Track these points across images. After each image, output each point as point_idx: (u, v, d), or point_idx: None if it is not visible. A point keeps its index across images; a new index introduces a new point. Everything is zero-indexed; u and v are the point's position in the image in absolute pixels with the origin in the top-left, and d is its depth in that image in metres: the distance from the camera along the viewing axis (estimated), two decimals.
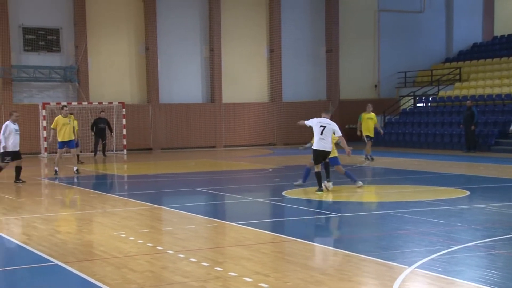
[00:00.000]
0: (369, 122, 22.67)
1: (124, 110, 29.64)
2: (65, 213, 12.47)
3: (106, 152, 27.48)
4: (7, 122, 16.93)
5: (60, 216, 11.99)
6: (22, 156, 17.37)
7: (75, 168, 19.37)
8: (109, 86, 30.51)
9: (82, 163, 22.80)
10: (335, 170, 15.08)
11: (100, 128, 26.44)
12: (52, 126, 19.31)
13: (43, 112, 27.98)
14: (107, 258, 8.29)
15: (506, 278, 7.08)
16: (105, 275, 7.40)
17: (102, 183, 18.59)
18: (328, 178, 14.42)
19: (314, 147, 14.19)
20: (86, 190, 16.04)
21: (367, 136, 22.57)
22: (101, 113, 27.34)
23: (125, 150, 29.33)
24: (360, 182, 14.94)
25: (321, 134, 14.02)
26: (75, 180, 18.05)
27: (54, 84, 29.76)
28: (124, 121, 29.59)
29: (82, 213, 12.45)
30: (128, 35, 31.01)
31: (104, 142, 27.14)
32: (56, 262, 8.13)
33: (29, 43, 29.13)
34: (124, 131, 29.57)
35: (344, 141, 14.22)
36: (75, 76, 29.66)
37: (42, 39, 29.44)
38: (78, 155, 23.56)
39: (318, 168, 14.10)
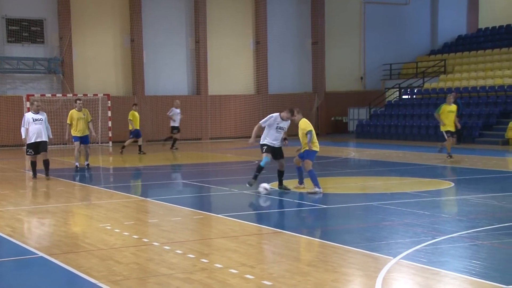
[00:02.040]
0: (450, 116, 19.51)
1: (109, 102, 29.51)
2: (49, 205, 12.41)
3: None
4: (26, 113, 16.54)
5: (44, 208, 11.93)
6: (10, 147, 16.97)
7: (87, 162, 18.98)
8: (94, 78, 30.37)
9: (144, 153, 23.44)
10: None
11: (91, 120, 26.14)
12: (67, 121, 18.65)
13: (27, 104, 27.70)
14: (92, 250, 8.27)
15: (490, 268, 7.14)
16: (90, 267, 7.38)
17: (87, 175, 18.51)
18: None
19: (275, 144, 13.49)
20: (71, 182, 15.98)
21: (447, 132, 19.53)
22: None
23: (110, 142, 29.24)
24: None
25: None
26: (65, 173, 17.85)
27: (38, 75, 29.57)
28: (109, 113, 29.48)
29: (67, 205, 12.40)
30: (113, 26, 30.83)
31: None
32: (41, 254, 8.10)
33: (13, 34, 28.91)
34: (110, 123, 29.47)
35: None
36: (60, 68, 29.49)
37: (25, 30, 29.22)
38: (140, 146, 23.92)
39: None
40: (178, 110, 25.90)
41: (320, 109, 34.67)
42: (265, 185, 13.13)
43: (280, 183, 13.41)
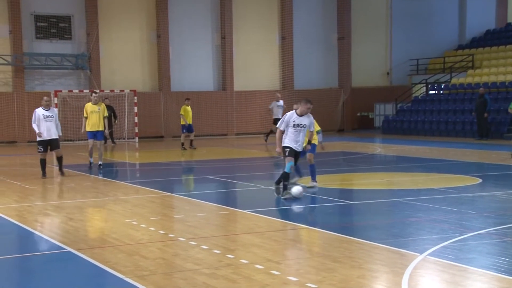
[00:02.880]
0: None
1: (135, 98, 29.71)
2: (77, 200, 12.54)
3: (115, 140, 27.59)
4: (37, 109, 15.93)
5: (72, 204, 12.06)
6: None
7: (99, 163, 17.67)
8: (121, 74, 30.58)
9: (195, 148, 23.71)
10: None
11: (107, 115, 25.98)
12: (84, 115, 17.60)
13: (55, 100, 28.09)
14: (119, 245, 8.34)
15: None
16: (117, 262, 7.45)
17: (114, 171, 18.66)
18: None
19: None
20: (97, 178, 16.12)
21: None
22: (105, 100, 27.27)
23: (136, 138, 29.46)
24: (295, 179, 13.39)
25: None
26: (87, 168, 17.92)
27: (65, 71, 29.89)
28: (135, 109, 29.68)
29: (94, 200, 12.52)
30: (139, 22, 31.01)
31: (110, 130, 27.20)
32: (69, 249, 8.19)
33: (41, 31, 29.24)
34: (136, 119, 29.68)
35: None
36: (87, 64, 29.76)
37: (53, 26, 29.54)
38: (192, 140, 23.96)
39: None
40: (278, 103, 25.95)
41: (346, 105, 34.51)
42: (299, 188, 11.97)
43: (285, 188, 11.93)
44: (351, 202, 11.82)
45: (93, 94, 17.93)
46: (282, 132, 11.83)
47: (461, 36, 37.36)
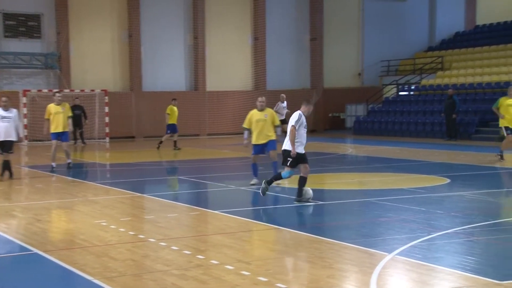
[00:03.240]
0: (510, 110, 17.57)
1: (106, 97, 29.43)
2: (45, 201, 12.38)
3: (85, 140, 27.36)
4: None
5: (39, 205, 11.90)
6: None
7: (69, 161, 17.38)
8: (91, 73, 30.28)
9: (179, 149, 23.42)
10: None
11: (75, 115, 24.53)
12: (45, 116, 16.98)
13: (24, 100, 27.76)
14: (87, 247, 8.25)
15: (484, 264, 7.15)
16: (85, 264, 7.37)
17: (83, 171, 18.47)
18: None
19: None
20: (66, 178, 15.93)
21: (507, 128, 17.68)
22: (76, 99, 27.00)
23: (107, 138, 29.22)
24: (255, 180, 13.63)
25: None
26: (55, 168, 17.60)
27: (35, 71, 29.51)
28: (106, 109, 29.38)
29: (63, 201, 12.37)
30: (111, 21, 30.76)
31: (81, 130, 26.98)
32: (36, 250, 8.08)
33: (10, 29, 28.85)
34: (107, 119, 29.40)
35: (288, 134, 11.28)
36: (57, 63, 29.42)
37: (22, 25, 29.14)
38: (175, 141, 23.65)
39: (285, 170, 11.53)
40: (283, 104, 25.51)
41: (317, 105, 34.52)
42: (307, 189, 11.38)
43: (300, 194, 11.31)
44: (321, 202, 11.84)
45: (57, 95, 17.51)
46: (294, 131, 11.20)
47: (431, 38, 37.78)
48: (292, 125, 11.16)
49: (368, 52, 36.30)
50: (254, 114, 13.81)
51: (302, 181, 11.27)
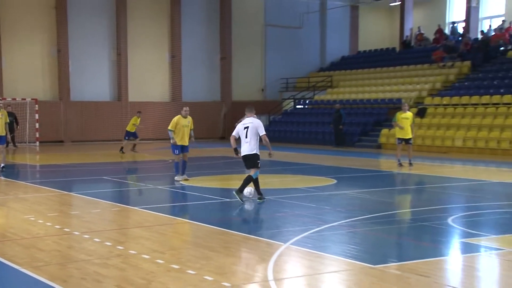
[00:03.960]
0: (405, 123, 17.57)
1: (37, 106, 28.39)
2: None
3: (16, 144, 26.27)
4: None
5: None
6: None
7: (1, 165, 16.56)
8: (23, 84, 29.11)
9: (124, 153, 22.75)
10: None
11: (8, 121, 24.26)
12: None
13: None
14: (16, 239, 7.92)
15: (362, 251, 7.40)
16: (14, 255, 7.07)
17: (15, 172, 17.66)
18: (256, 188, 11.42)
19: (242, 153, 11.22)
20: None
21: (402, 139, 17.69)
22: (8, 107, 25.88)
23: (37, 142, 28.13)
24: (180, 177, 14.01)
25: (246, 136, 11.11)
26: None
27: None
28: (37, 116, 28.35)
29: None
30: (41, 37, 29.68)
31: (12, 134, 25.84)
32: None
33: None
34: (37, 125, 28.35)
35: (267, 140, 11.04)
36: None
37: None
38: (135, 144, 23.33)
39: (251, 172, 11.11)
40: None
41: (227, 116, 34.74)
42: (250, 189, 11.21)
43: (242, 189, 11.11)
44: (228, 200, 11.89)
45: None
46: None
47: (322, 60, 38.69)
48: (264, 133, 11.03)
49: (269, 70, 36.76)
50: (180, 119, 14.28)
51: (249, 179, 10.97)
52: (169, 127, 14.27)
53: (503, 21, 31.67)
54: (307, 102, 34.62)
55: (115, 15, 31.29)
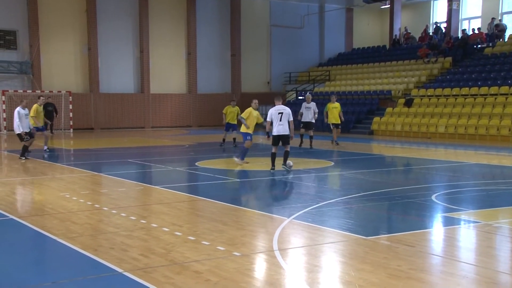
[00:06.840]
0: (334, 111, 19.74)
1: (70, 97, 28.57)
2: (20, 178, 11.83)
3: (54, 130, 26.38)
4: (18, 109, 15.23)
5: (16, 181, 11.37)
6: None
7: (45, 147, 17.57)
8: (58, 78, 29.24)
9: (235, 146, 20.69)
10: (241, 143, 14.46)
11: (48, 110, 23.93)
12: (32, 114, 16.35)
13: (3, 98, 26.44)
14: (54, 214, 7.96)
15: (356, 225, 7.39)
16: (52, 227, 7.11)
17: (52, 155, 17.74)
18: (285, 161, 12.65)
19: (274, 132, 12.40)
20: (39, 161, 15.28)
21: (333, 124, 19.80)
22: (48, 98, 26.06)
23: (71, 129, 28.33)
24: (241, 161, 13.95)
25: (280, 120, 12.31)
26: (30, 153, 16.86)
27: (11, 75, 28.10)
28: (70, 106, 28.58)
29: (35, 178, 11.86)
30: (74, 37, 29.72)
31: (51, 122, 25.96)
32: (11, 216, 7.73)
33: None
34: (71, 114, 28.56)
35: (293, 126, 12.49)
36: (30, 70, 28.15)
37: (1, 38, 27.68)
38: (234, 138, 20.31)
39: (274, 150, 12.51)
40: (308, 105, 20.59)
41: (237, 105, 34.61)
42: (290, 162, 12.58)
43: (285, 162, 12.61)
44: (238, 180, 11.90)
45: (41, 98, 17.38)
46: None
47: (321, 56, 38.50)
48: (292, 119, 12.54)
49: (274, 65, 36.61)
50: (252, 111, 14.36)
51: (288, 153, 12.59)
52: (243, 115, 14.12)
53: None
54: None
55: (138, 17, 31.23)
